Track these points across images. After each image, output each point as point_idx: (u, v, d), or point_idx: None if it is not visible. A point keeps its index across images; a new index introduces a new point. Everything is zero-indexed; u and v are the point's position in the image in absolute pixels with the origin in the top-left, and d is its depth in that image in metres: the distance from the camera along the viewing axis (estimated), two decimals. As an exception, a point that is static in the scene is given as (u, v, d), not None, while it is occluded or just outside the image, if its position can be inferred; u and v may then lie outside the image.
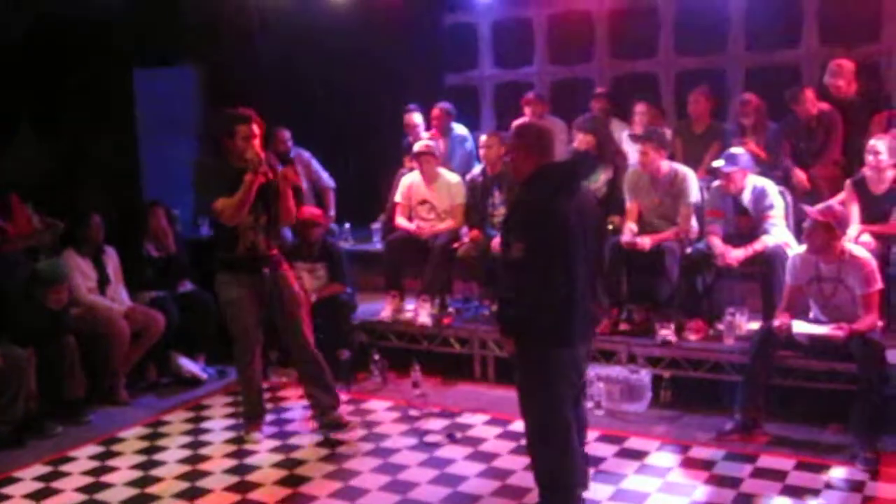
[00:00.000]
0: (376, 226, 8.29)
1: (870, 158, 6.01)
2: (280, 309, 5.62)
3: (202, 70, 9.48)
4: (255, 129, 5.35)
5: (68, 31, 8.09)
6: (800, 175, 6.82)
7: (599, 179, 6.97)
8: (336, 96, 9.01)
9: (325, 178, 8.32)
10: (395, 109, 8.70)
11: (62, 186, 8.11)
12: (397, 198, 7.65)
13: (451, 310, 7.23)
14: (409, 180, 7.60)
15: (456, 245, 7.20)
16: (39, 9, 7.74)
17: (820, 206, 5.49)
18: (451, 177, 7.48)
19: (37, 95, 8.22)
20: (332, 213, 8.29)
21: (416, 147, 7.54)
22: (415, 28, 9.01)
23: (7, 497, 5.00)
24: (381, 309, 7.25)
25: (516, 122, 4.52)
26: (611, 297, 6.34)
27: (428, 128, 8.36)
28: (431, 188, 7.43)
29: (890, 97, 6.80)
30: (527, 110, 8.10)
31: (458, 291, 7.78)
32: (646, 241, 6.35)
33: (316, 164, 8.30)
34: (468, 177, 7.47)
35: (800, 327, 5.36)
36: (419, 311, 6.98)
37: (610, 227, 6.61)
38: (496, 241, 6.88)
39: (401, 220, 7.53)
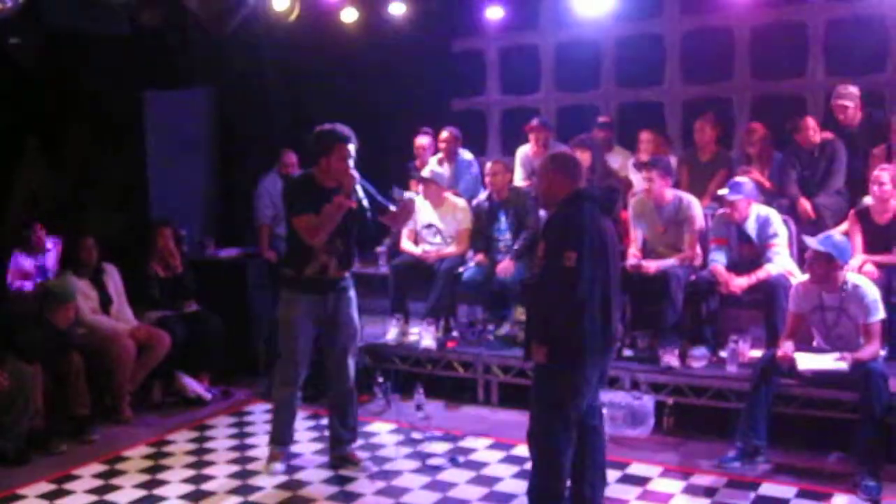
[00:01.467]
0: (381, 249, 8.33)
1: (874, 188, 6.06)
2: (333, 334, 5.48)
3: (212, 92, 9.56)
4: (352, 149, 5.18)
5: (79, 51, 8.19)
6: (805, 205, 6.85)
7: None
8: (343, 119, 9.07)
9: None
10: (402, 133, 8.77)
11: (71, 207, 8.19)
12: (403, 221, 7.68)
13: (455, 333, 7.25)
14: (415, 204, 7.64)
15: (461, 269, 7.24)
16: (50, 30, 7.83)
17: (820, 236, 5.51)
18: (458, 201, 7.53)
19: (46, 116, 8.31)
20: None
21: (423, 173, 7.60)
22: (423, 53, 9.08)
23: (11, 514, 5.03)
24: (385, 332, 7.28)
25: (552, 152, 4.80)
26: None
27: (435, 152, 8.42)
28: (437, 212, 7.47)
29: (891, 128, 6.82)
30: (531, 137, 8.15)
31: (462, 315, 7.81)
32: (651, 265, 6.39)
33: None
34: (474, 202, 7.52)
35: (804, 363, 5.36)
36: (423, 335, 7.01)
37: None
38: (505, 265, 6.95)
39: (406, 244, 7.57)
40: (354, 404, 5.64)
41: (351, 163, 5.16)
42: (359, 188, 5.20)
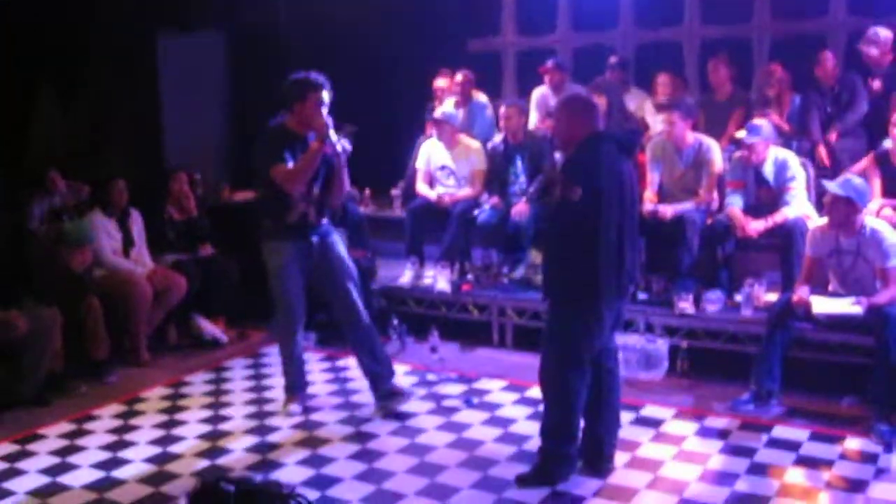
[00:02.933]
0: (396, 192, 8.32)
1: (894, 132, 5.98)
2: (328, 278, 5.49)
3: (227, 36, 9.48)
4: (326, 96, 5.20)
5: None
6: (822, 152, 6.80)
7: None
8: (358, 61, 9.00)
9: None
10: (417, 75, 8.69)
11: (86, 151, 8.18)
12: (418, 164, 7.68)
13: (469, 276, 7.26)
14: (430, 146, 7.62)
15: (476, 212, 7.23)
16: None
17: (839, 178, 5.46)
18: (472, 143, 7.49)
19: (60, 61, 8.27)
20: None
21: (436, 114, 7.55)
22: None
23: (33, 453, 5.10)
24: (400, 274, 7.30)
25: (567, 94, 4.73)
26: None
27: (451, 94, 8.36)
28: (451, 154, 7.44)
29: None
30: (546, 79, 8.08)
31: (477, 258, 7.82)
32: (667, 210, 6.36)
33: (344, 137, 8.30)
34: (489, 145, 7.48)
35: (819, 306, 5.35)
36: (438, 278, 7.02)
37: None
38: (519, 208, 6.92)
39: (421, 187, 7.55)
40: (377, 339, 5.61)
41: (324, 110, 5.18)
42: (332, 134, 5.17)
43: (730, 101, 7.46)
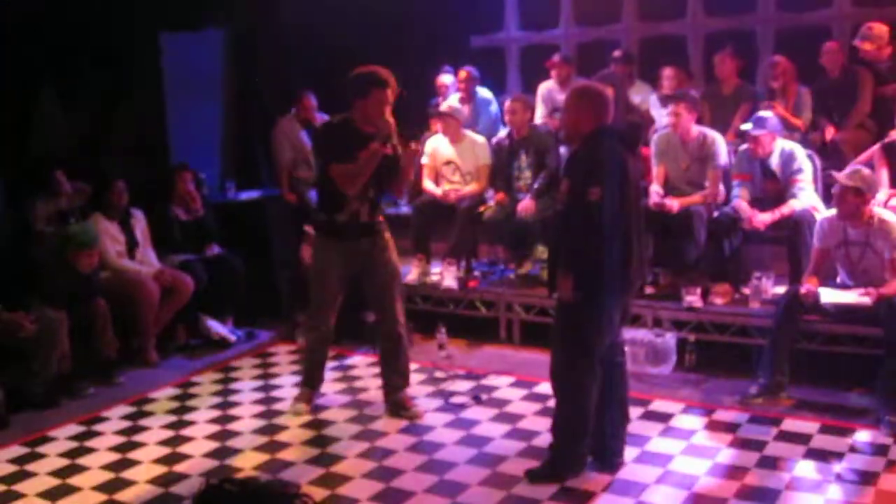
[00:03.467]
0: (402, 189, 8.29)
1: (901, 122, 5.96)
2: (372, 280, 5.39)
3: (228, 33, 9.47)
4: (390, 95, 5.02)
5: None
6: (827, 133, 6.80)
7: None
8: (360, 59, 8.99)
9: None
10: (421, 72, 8.67)
11: (90, 151, 8.17)
12: (424, 160, 7.66)
13: (476, 273, 7.25)
14: (435, 142, 7.61)
15: (482, 208, 7.22)
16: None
17: (848, 169, 5.45)
18: (477, 138, 7.47)
19: (61, 59, 8.25)
20: None
21: (441, 108, 7.55)
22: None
23: (42, 455, 5.11)
24: (407, 272, 7.28)
25: (576, 84, 4.62)
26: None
27: (457, 90, 8.35)
28: (456, 149, 7.42)
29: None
30: (552, 74, 8.07)
31: (483, 254, 7.81)
32: (674, 203, 6.34)
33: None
34: (494, 140, 7.46)
35: (827, 296, 5.34)
36: (445, 275, 7.02)
37: None
38: (525, 204, 6.91)
39: (427, 183, 7.54)
40: (404, 349, 5.51)
41: (388, 109, 5.03)
42: (394, 136, 5.07)
43: (736, 94, 7.43)
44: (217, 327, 7.07)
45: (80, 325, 6.13)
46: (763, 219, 6.04)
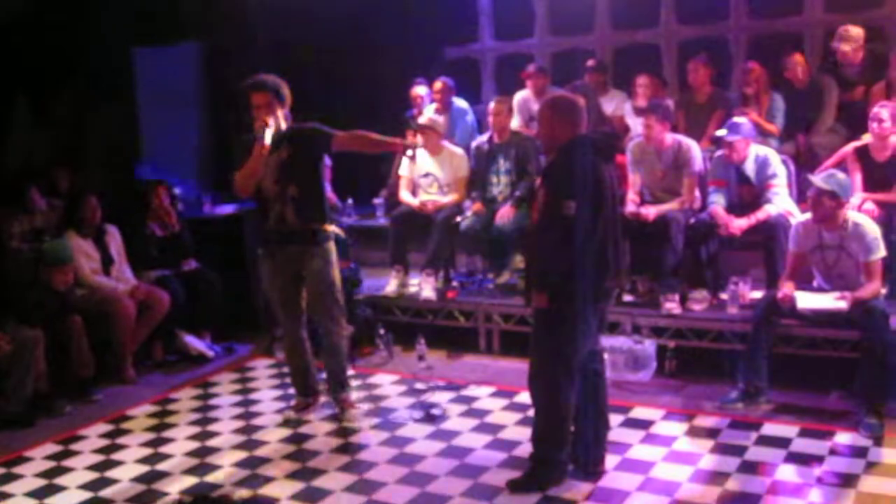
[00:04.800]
0: (379, 201, 8.30)
1: (873, 126, 6.01)
2: (306, 289, 5.52)
3: (202, 47, 9.44)
4: (254, 98, 5.30)
5: (67, 8, 8.07)
6: (800, 144, 6.85)
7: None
8: (336, 71, 8.99)
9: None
10: (396, 84, 8.67)
11: (64, 166, 8.12)
12: (401, 172, 7.66)
13: (455, 283, 7.25)
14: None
15: (459, 219, 7.22)
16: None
17: (824, 173, 5.48)
18: (455, 149, 7.48)
19: (36, 75, 8.21)
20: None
21: (421, 120, 7.54)
22: (414, 1, 8.94)
23: (19, 476, 5.05)
24: (385, 283, 7.28)
25: (552, 95, 4.75)
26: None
27: (432, 101, 8.36)
28: (435, 161, 7.42)
29: (890, 64, 6.75)
30: (528, 84, 8.09)
31: (461, 265, 7.80)
32: (650, 212, 6.36)
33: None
34: (474, 143, 7.47)
35: (804, 301, 5.37)
36: (423, 286, 7.01)
37: None
38: (504, 211, 6.91)
39: (405, 195, 7.53)
40: (342, 362, 5.62)
41: (258, 111, 5.26)
42: (268, 133, 5.20)
43: (710, 101, 7.47)
44: (195, 343, 7.02)
45: (56, 343, 6.07)
46: (739, 224, 6.07)
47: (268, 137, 5.23)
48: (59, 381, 6.13)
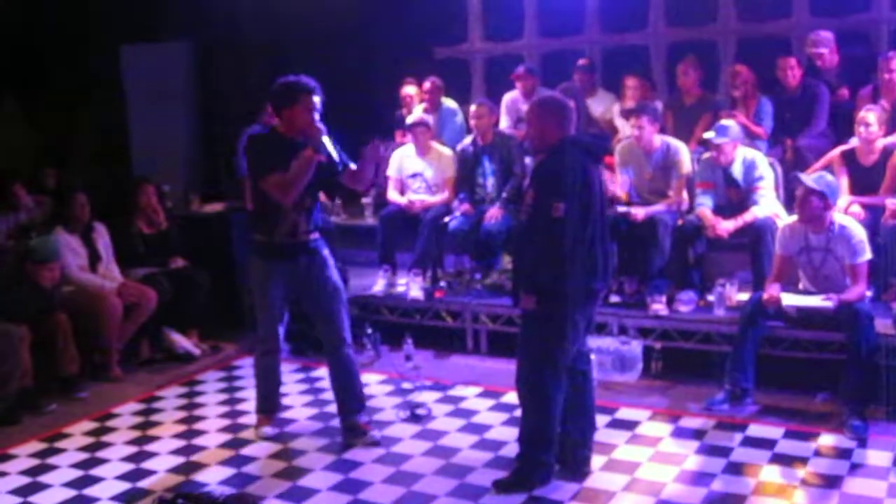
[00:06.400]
0: (367, 200, 8.29)
1: (860, 130, 6.05)
2: (315, 301, 5.19)
3: (191, 45, 9.42)
4: (318, 100, 4.93)
5: (56, 4, 8.04)
6: (788, 150, 6.89)
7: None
8: (325, 70, 8.96)
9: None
10: (385, 84, 8.67)
11: (52, 163, 8.10)
12: (389, 172, 7.65)
13: (442, 283, 7.25)
14: (401, 154, 7.61)
15: (447, 219, 7.22)
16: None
17: (814, 174, 5.50)
18: (443, 149, 7.49)
19: (24, 72, 8.18)
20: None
21: (410, 119, 7.54)
22: (404, 1, 8.94)
23: (4, 474, 5.02)
24: (373, 283, 7.27)
25: (538, 96, 4.63)
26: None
27: (422, 100, 8.35)
28: (424, 161, 7.43)
29: (877, 67, 6.79)
30: (517, 85, 8.10)
31: (449, 265, 7.81)
32: (639, 212, 6.38)
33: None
34: (459, 147, 7.48)
35: (790, 300, 5.40)
36: (411, 285, 7.00)
37: None
38: (493, 212, 6.93)
39: (393, 195, 7.53)
40: (353, 370, 5.26)
41: (317, 115, 4.94)
42: (326, 140, 4.95)
43: (698, 104, 7.48)
44: (181, 341, 6.99)
45: (42, 340, 6.04)
46: (726, 226, 6.09)
47: (328, 145, 4.96)
48: (45, 378, 6.10)
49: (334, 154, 5.06)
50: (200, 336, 7.19)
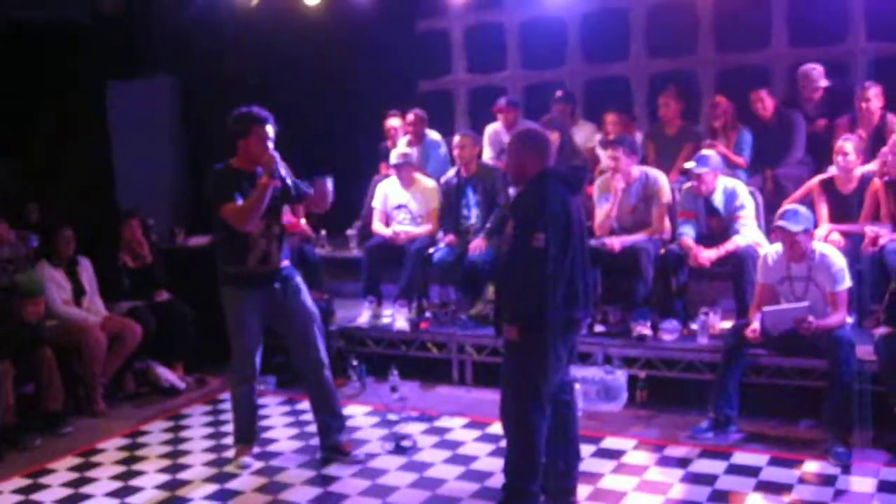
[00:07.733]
0: (352, 232, 8.32)
1: (838, 159, 6.13)
2: (289, 326, 5.32)
3: (176, 80, 9.47)
4: (271, 130, 5.09)
5: (41, 40, 8.07)
6: (767, 181, 6.97)
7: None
8: (310, 104, 9.03)
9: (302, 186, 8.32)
10: (369, 117, 8.73)
11: (36, 198, 8.10)
12: (374, 203, 7.70)
13: (427, 314, 7.26)
14: (386, 186, 7.65)
15: (432, 250, 7.25)
16: (9, 20, 7.71)
17: (785, 213, 5.50)
18: (427, 181, 7.54)
19: (9, 106, 8.19)
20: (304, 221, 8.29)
21: (393, 159, 7.58)
22: (388, 34, 9.02)
23: (-14, 510, 5.00)
24: (358, 315, 7.28)
25: (520, 129, 4.76)
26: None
27: (406, 133, 8.41)
28: (408, 193, 7.47)
29: (854, 97, 6.89)
30: (500, 118, 8.16)
31: (434, 296, 7.82)
32: (615, 242, 6.42)
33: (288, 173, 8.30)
34: (442, 179, 7.53)
35: (769, 310, 5.41)
36: (396, 316, 7.02)
37: None
38: (477, 243, 6.98)
39: (377, 226, 7.57)
40: (332, 390, 5.44)
41: (270, 144, 5.08)
42: (281, 168, 5.07)
43: (679, 134, 7.56)
44: (166, 374, 6.98)
45: (26, 375, 6.02)
46: (708, 255, 6.13)
47: (283, 172, 5.09)
48: (29, 413, 6.07)
49: (288, 180, 5.20)
50: (185, 369, 7.17)
